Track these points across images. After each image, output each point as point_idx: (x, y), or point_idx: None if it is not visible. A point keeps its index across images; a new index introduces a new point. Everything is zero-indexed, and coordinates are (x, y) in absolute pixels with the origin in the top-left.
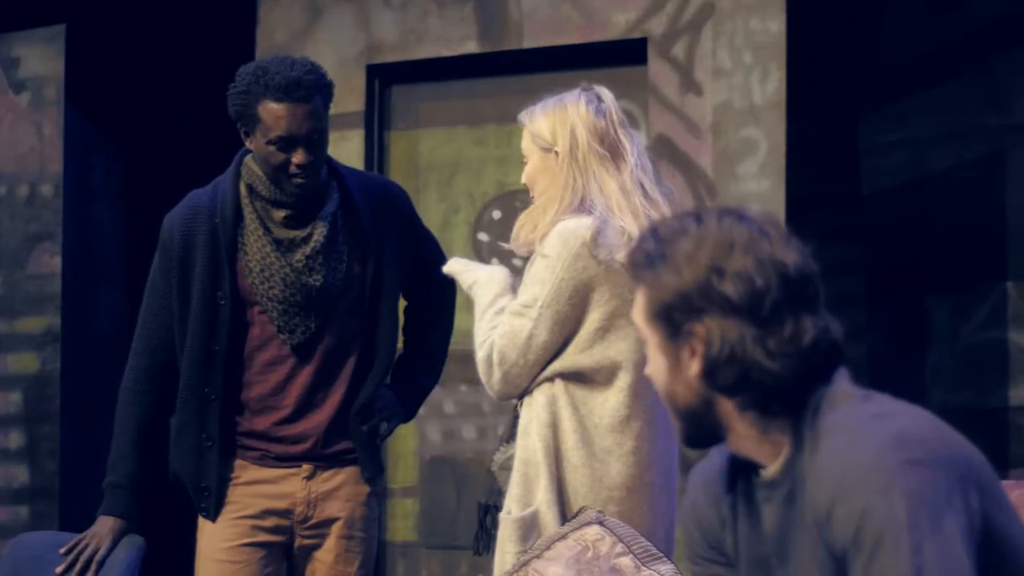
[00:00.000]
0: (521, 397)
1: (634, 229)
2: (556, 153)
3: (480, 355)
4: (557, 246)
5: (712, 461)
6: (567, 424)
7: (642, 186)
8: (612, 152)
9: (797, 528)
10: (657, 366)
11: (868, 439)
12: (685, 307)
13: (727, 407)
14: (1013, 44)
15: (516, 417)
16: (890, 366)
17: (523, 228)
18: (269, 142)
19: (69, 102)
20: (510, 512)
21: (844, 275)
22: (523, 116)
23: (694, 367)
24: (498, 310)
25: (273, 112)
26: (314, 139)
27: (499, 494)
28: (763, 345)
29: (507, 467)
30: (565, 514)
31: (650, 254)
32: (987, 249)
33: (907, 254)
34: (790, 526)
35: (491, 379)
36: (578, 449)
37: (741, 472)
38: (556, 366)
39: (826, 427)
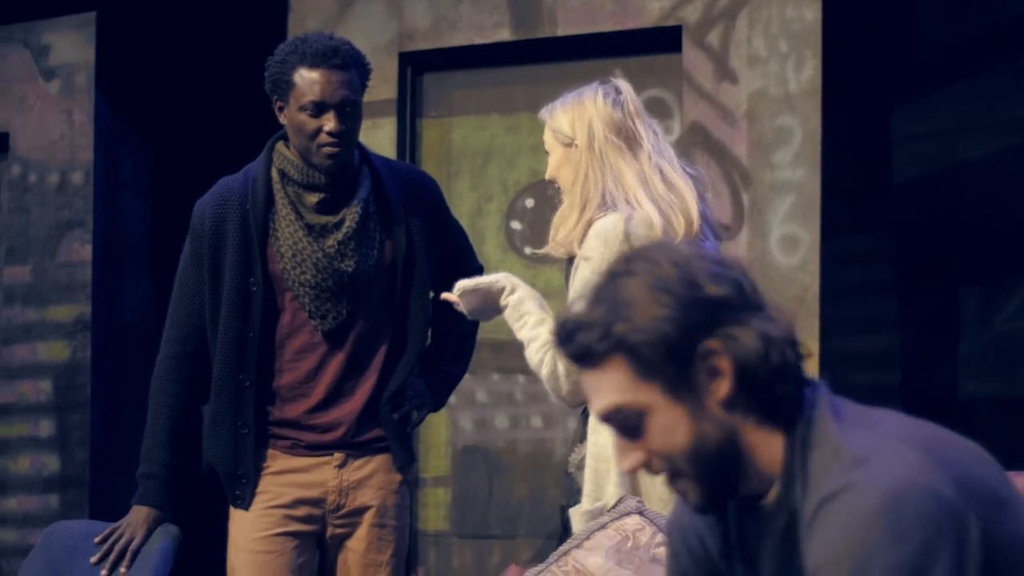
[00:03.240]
0: None
1: (656, 217)
2: (576, 146)
3: (544, 372)
4: (599, 247)
5: None
6: None
7: (660, 171)
8: (629, 142)
9: (795, 571)
10: (671, 425)
11: (858, 508)
12: (685, 332)
13: (749, 428)
14: None
15: (586, 417)
16: (921, 356)
17: (558, 228)
18: (302, 108)
19: (99, 90)
20: (580, 505)
21: (875, 264)
22: (544, 113)
23: (723, 386)
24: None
25: (308, 78)
26: (347, 110)
27: (578, 494)
28: (771, 322)
29: (583, 467)
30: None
31: (604, 321)
32: (1018, 239)
33: (938, 244)
34: (788, 565)
35: (561, 391)
36: None
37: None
38: None
39: (817, 463)
